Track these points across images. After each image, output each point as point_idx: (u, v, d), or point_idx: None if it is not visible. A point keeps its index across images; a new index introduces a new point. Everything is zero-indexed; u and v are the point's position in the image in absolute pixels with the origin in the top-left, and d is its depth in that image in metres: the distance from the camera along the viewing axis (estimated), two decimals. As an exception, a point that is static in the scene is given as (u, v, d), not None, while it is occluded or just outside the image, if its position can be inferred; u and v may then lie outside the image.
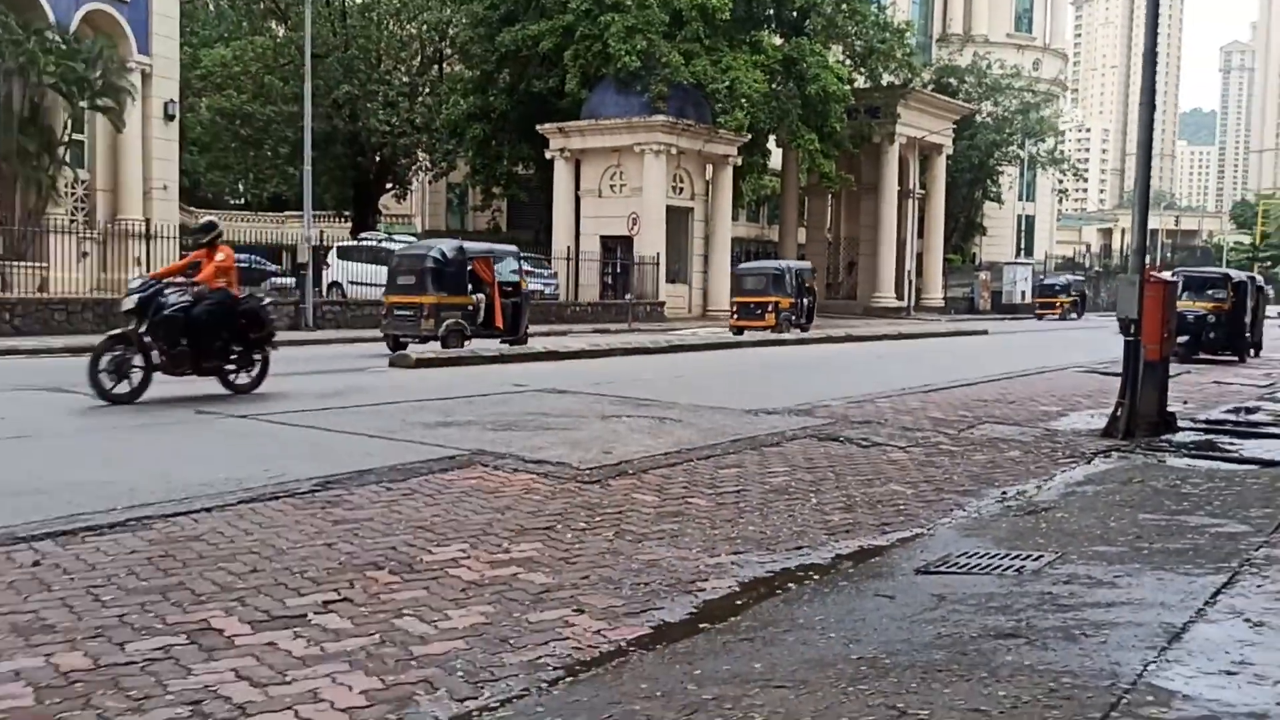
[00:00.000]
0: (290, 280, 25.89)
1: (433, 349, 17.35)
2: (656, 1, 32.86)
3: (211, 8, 47.09)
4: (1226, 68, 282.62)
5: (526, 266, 32.34)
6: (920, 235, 49.36)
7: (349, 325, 25.12)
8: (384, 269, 29.35)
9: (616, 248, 33.64)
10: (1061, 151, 64.14)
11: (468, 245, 19.72)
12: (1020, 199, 67.75)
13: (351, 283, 29.60)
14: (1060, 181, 65.49)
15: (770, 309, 27.30)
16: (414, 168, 44.79)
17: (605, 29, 32.09)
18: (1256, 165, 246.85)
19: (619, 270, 33.26)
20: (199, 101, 40.07)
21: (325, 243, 33.20)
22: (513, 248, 22.15)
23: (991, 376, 16.71)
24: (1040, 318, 48.76)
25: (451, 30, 40.15)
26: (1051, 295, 51.04)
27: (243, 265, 32.19)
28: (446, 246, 19.03)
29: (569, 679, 3.76)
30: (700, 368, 17.15)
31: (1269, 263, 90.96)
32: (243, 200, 54.20)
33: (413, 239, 35.53)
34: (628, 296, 31.13)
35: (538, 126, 34.63)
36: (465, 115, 36.89)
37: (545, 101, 35.33)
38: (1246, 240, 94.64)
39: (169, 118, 29.61)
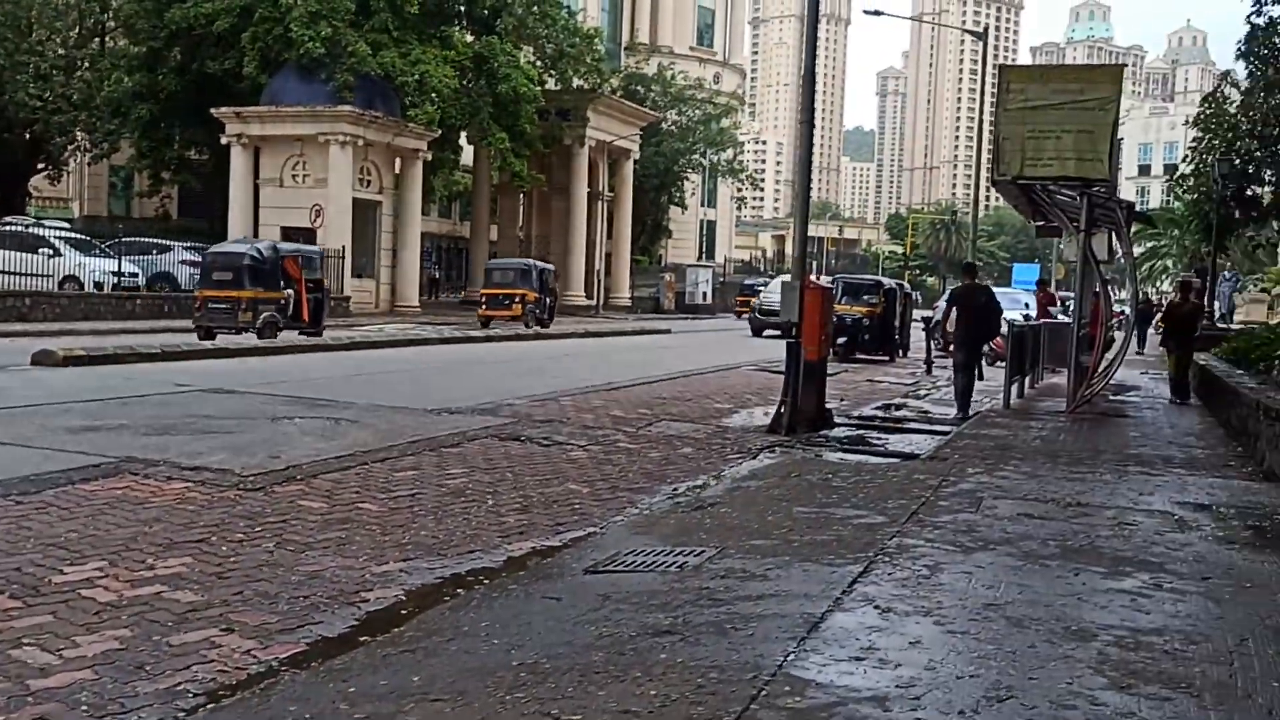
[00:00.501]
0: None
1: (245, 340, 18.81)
2: (343, -12, 31.75)
3: None
4: (883, 91, 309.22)
5: (196, 257, 30.68)
6: (609, 236, 50.67)
7: (-9, 319, 22.52)
8: (33, 256, 26.88)
9: (299, 239, 32.21)
10: (740, 162, 67.71)
11: (281, 245, 21.98)
12: (702, 205, 70.98)
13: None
14: (739, 190, 69.13)
15: (518, 300, 29.37)
16: (71, 147, 40.94)
17: (287, 12, 30.62)
18: (909, 182, 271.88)
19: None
20: None
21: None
22: (317, 248, 24.33)
23: (671, 374, 17.37)
24: (739, 316, 49.68)
25: (114, 2, 37.02)
26: (751, 295, 51.53)
27: None
28: (263, 245, 21.05)
29: (210, 706, 3.51)
30: (384, 365, 16.71)
31: (918, 271, 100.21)
32: None
33: (66, 224, 32.53)
34: (311, 292, 29.84)
35: (213, 110, 32.56)
36: (130, 94, 34.11)
37: (221, 84, 33.27)
38: (900, 250, 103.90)
39: None
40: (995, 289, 16.61)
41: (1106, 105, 11.18)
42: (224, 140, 33.13)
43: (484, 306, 30.19)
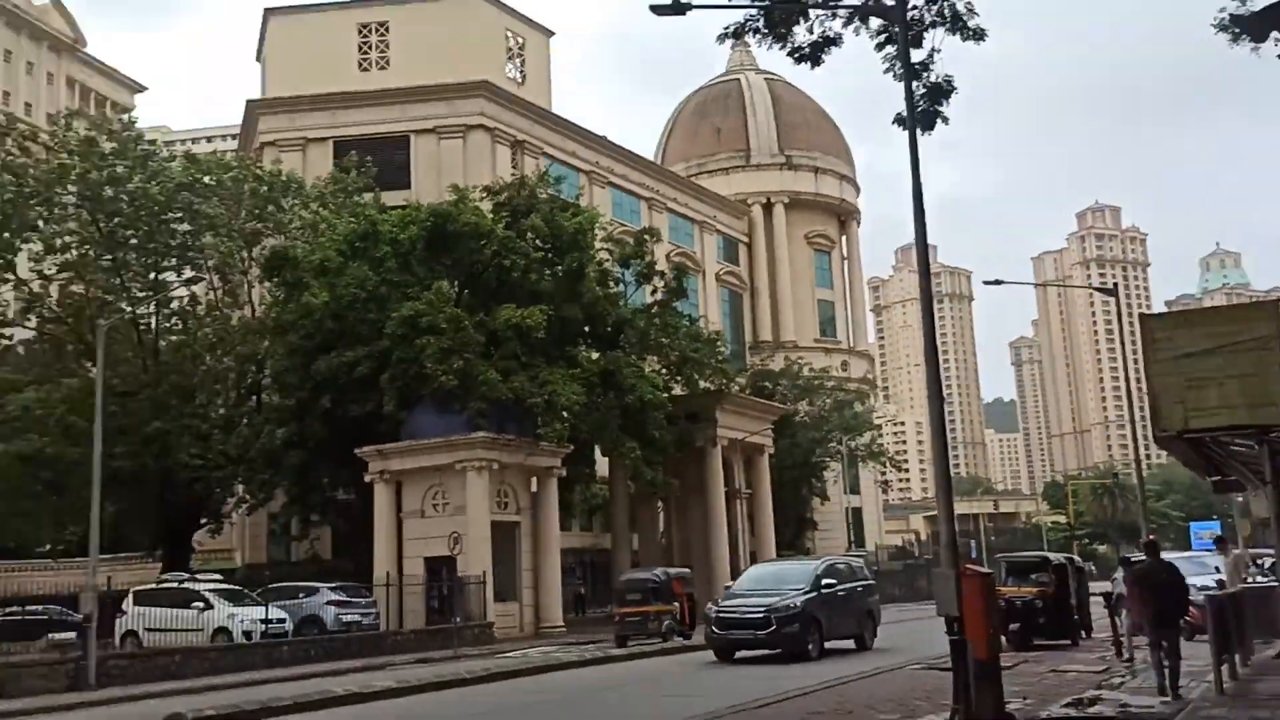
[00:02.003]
0: (72, 634, 23.40)
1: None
2: (473, 323, 33.35)
3: (21, 351, 45.51)
4: (1017, 361, 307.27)
5: (342, 596, 30.82)
6: (753, 534, 49.48)
7: (140, 679, 22.47)
8: (186, 611, 27.32)
9: (441, 569, 32.19)
10: (880, 445, 66.79)
11: (671, 570, 31.08)
12: (846, 492, 69.52)
13: (150, 630, 27.15)
14: (882, 474, 67.74)
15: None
16: (231, 500, 42.83)
17: (421, 352, 32.17)
18: (1060, 448, 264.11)
19: (445, 593, 31.68)
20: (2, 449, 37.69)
21: (126, 586, 30.73)
22: (687, 570, 33.79)
23: (826, 681, 15.91)
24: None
25: (269, 361, 39.66)
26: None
27: (39, 617, 29.52)
28: (659, 572, 30.18)
29: None
30: (522, 699, 15.77)
31: (1086, 540, 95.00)
32: (48, 547, 50.41)
33: (219, 576, 33.28)
34: (454, 620, 29.45)
35: (356, 450, 33.77)
36: (282, 444, 35.81)
37: (364, 425, 34.68)
38: (1063, 520, 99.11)
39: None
40: (1174, 554, 15.07)
41: (1268, 344, 10.22)
42: (367, 478, 34.06)
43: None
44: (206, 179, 41.48)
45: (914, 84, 12.24)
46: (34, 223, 39.20)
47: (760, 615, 20.65)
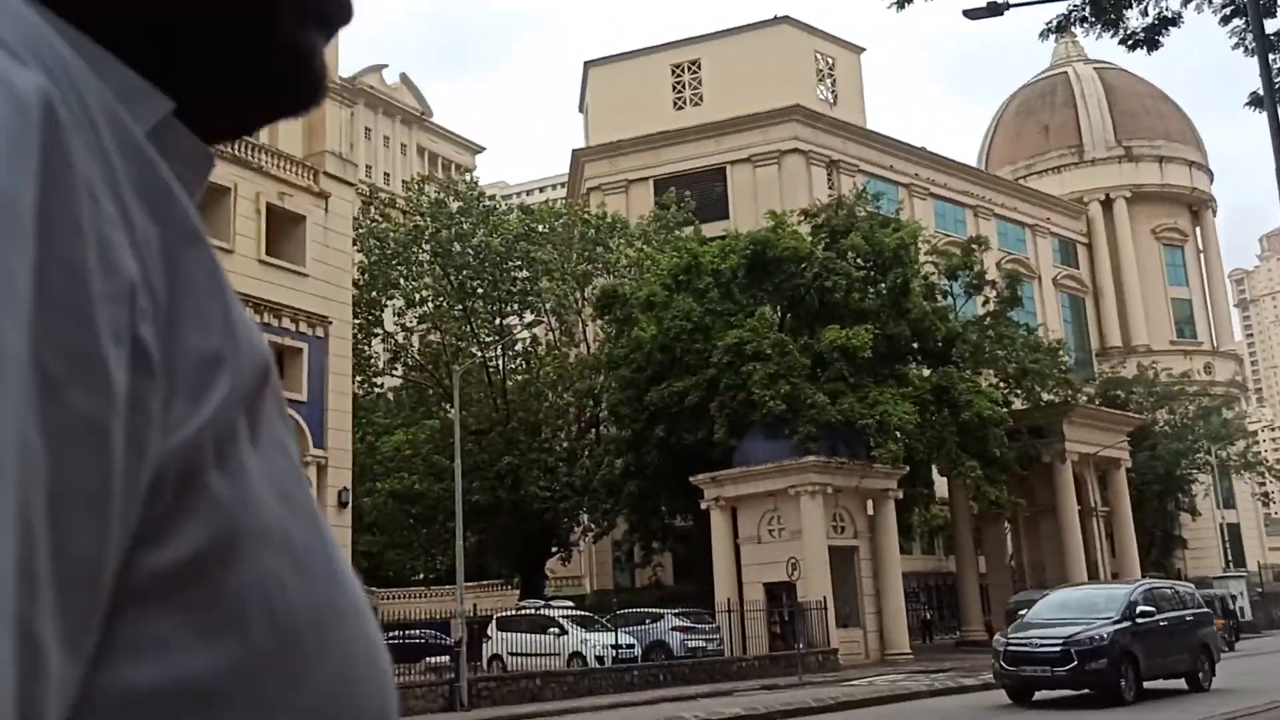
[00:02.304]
0: (445, 657, 25.41)
1: None
2: (797, 347, 33.36)
3: (390, 397, 50.41)
4: None
5: (686, 622, 31.51)
6: (1113, 554, 46.05)
7: (507, 700, 24.10)
8: (543, 636, 29.00)
9: (781, 594, 32.24)
10: (1256, 453, 60.37)
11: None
12: (1218, 507, 63.15)
13: (513, 654, 28.97)
14: (1260, 484, 61.18)
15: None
16: (578, 530, 45.15)
17: (748, 378, 32.52)
18: None
19: (786, 618, 31.69)
20: (376, 486, 41.91)
21: (489, 612, 33.07)
22: None
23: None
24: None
25: (604, 395, 41.62)
26: None
27: (417, 641, 32.40)
28: None
29: None
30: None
31: None
32: (421, 576, 55.27)
33: (571, 603, 35.05)
34: (797, 646, 29.36)
35: (690, 478, 34.60)
36: (620, 474, 37.35)
37: (696, 453, 35.49)
38: None
39: (342, 505, 30.91)
40: None
41: None
42: (703, 505, 34.75)
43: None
44: (540, 228, 44.30)
45: (1270, 57, 11.02)
46: (396, 281, 43.42)
47: (1058, 649, 17.57)
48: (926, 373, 37.18)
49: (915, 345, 37.85)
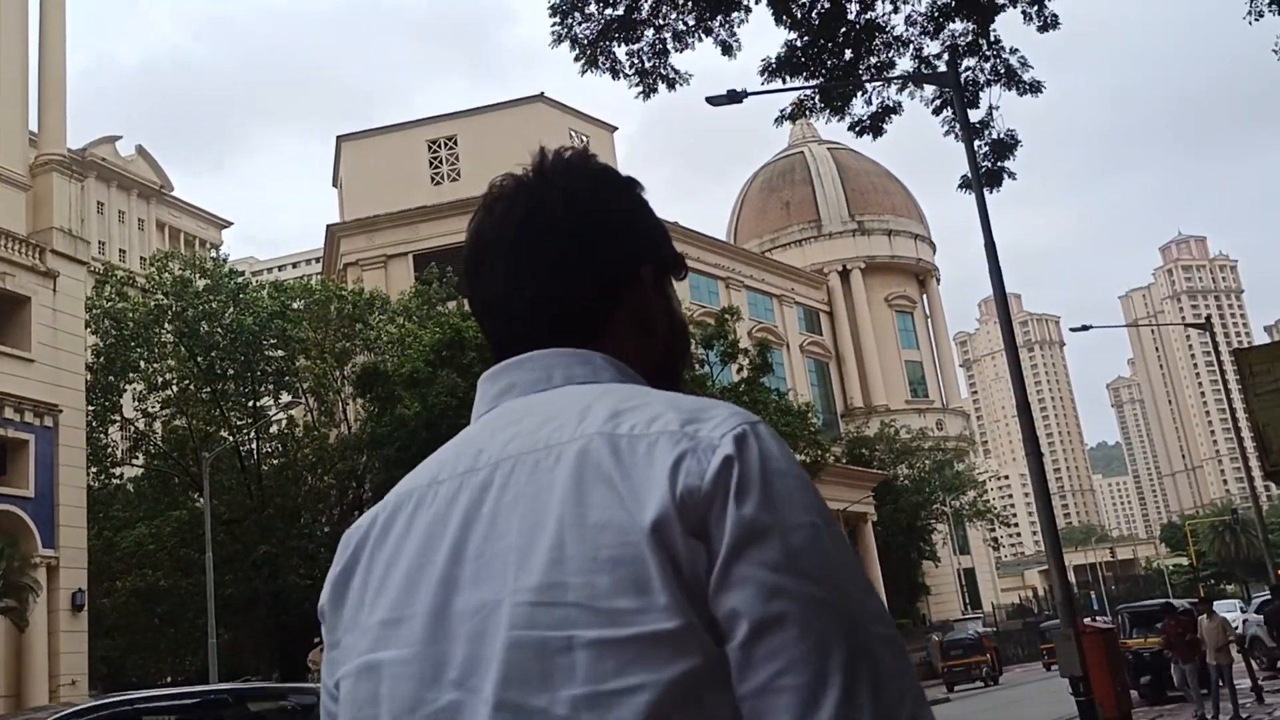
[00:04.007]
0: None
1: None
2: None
3: (131, 488, 47.14)
4: (1118, 402, 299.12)
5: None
6: (865, 606, 48.46)
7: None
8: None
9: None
10: (985, 502, 65.27)
11: (981, 630, 32.69)
12: (955, 553, 67.87)
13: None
14: (991, 531, 66.05)
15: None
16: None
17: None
18: (1173, 487, 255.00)
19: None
20: (116, 585, 38.95)
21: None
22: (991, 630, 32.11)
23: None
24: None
25: (368, 476, 40.44)
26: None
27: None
28: (973, 632, 29.70)
29: None
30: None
31: (1211, 580, 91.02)
32: (168, 679, 51.49)
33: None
34: None
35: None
36: (386, 556, 36.29)
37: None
38: (1185, 562, 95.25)
39: (77, 608, 28.63)
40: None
41: (1373, 366, 9.91)
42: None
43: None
44: (295, 304, 42.94)
45: (976, 143, 12.27)
46: (135, 363, 40.89)
47: None
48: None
49: (675, 413, 38.89)
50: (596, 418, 0.97)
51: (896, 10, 11.42)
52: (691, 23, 10.83)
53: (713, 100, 13.44)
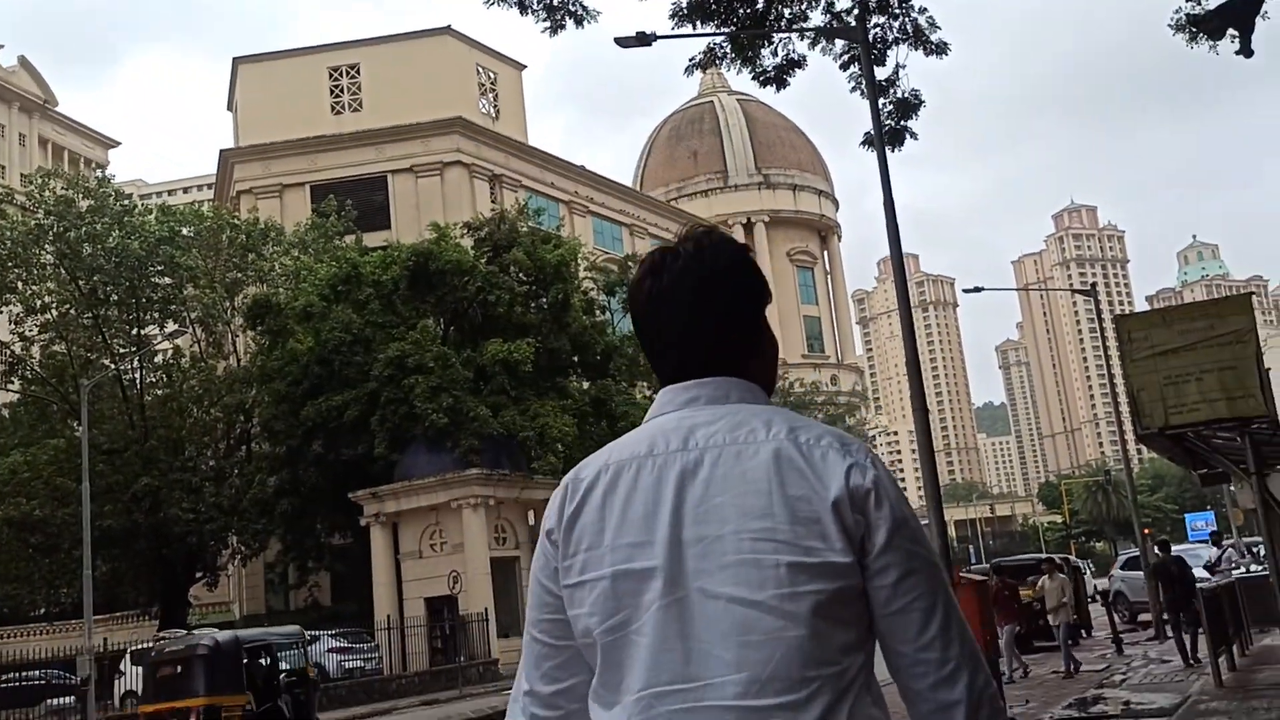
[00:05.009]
0: (69, 698, 23.22)
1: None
2: (460, 361, 33.37)
3: (5, 414, 45.35)
4: (1005, 364, 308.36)
5: (343, 643, 30.61)
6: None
7: (143, 739, 22.42)
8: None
9: (442, 608, 32.06)
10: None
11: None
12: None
13: (150, 686, 26.90)
14: (877, 485, 67.90)
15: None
16: (226, 552, 42.61)
17: (410, 392, 32.15)
18: (1052, 448, 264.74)
19: (447, 632, 31.53)
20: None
21: (123, 646, 30.50)
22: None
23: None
24: None
25: (257, 410, 39.52)
26: None
27: (37, 683, 29.29)
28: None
29: None
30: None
31: (1083, 538, 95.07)
32: (42, 611, 50.03)
33: (215, 630, 33.03)
34: (458, 659, 29.28)
35: (350, 494, 33.68)
36: (274, 492, 35.67)
37: (356, 468, 34.58)
38: (1059, 519, 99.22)
39: (-56, 535, 27.48)
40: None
41: (1244, 337, 10.33)
42: (363, 521, 33.93)
43: None
44: (185, 231, 41.52)
45: (880, 101, 12.35)
46: (13, 285, 39.12)
47: None
48: (586, 385, 38.33)
49: (575, 359, 38.93)
50: (780, 429, 1.57)
51: (809, -39, 11.36)
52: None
53: (621, 41, 13.26)
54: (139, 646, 29.60)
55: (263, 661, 17.45)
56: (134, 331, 40.60)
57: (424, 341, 33.01)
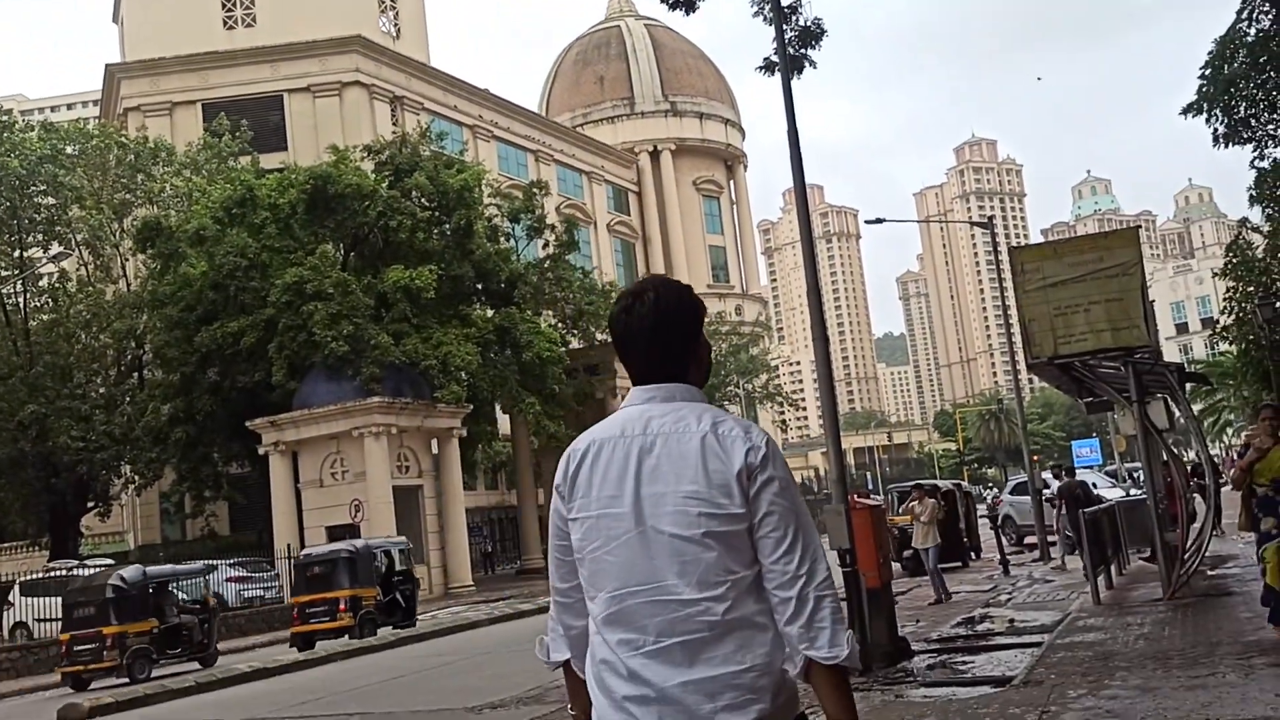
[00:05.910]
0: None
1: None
2: (360, 287, 32.74)
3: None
4: (905, 295, 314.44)
5: (243, 572, 30.26)
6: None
7: (35, 671, 21.98)
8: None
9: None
10: (776, 386, 67.87)
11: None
12: (746, 434, 70.49)
13: (40, 620, 26.28)
14: (780, 414, 68.95)
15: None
16: (119, 481, 41.59)
17: (309, 318, 31.44)
18: (949, 378, 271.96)
19: (349, 561, 31.30)
20: None
21: (11, 577, 29.65)
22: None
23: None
24: None
25: (148, 336, 38.33)
26: None
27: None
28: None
29: None
30: (431, 657, 15.78)
31: (975, 464, 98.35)
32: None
33: (109, 561, 32.35)
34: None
35: (247, 423, 33.02)
36: (168, 420, 34.76)
37: (254, 396, 33.87)
38: (953, 447, 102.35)
39: None
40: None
41: (1130, 269, 10.66)
42: (262, 450, 33.38)
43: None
44: (69, 149, 39.76)
45: (784, 27, 12.28)
46: (-117, 204, 37.11)
47: None
48: (490, 313, 37.98)
49: (479, 286, 38.50)
50: (707, 423, 2.27)
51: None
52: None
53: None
54: (29, 577, 28.87)
55: (380, 566, 22.27)
56: (16, 253, 38.95)
57: (323, 267, 32.27)
